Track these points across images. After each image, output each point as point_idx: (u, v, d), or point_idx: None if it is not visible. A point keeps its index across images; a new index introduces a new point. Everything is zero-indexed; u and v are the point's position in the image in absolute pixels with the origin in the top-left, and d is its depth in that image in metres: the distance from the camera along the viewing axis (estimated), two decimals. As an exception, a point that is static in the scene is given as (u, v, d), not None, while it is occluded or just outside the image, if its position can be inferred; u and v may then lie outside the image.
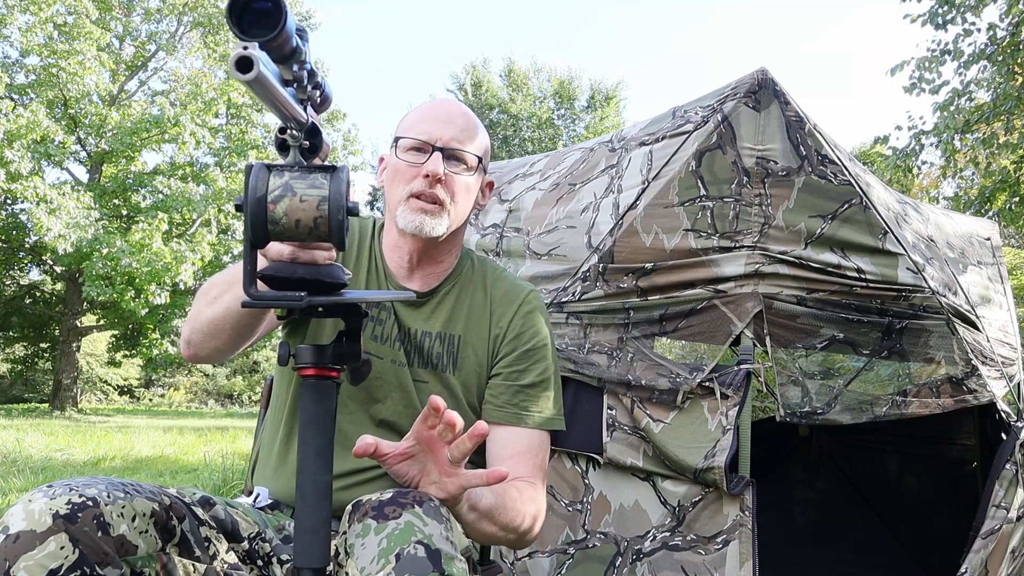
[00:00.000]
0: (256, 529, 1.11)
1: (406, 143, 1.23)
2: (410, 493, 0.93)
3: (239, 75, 0.61)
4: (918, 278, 2.05)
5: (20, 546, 0.83)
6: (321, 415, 0.83)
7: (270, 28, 0.62)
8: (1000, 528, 2.08)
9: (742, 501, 1.83)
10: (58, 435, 8.67)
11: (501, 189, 2.75)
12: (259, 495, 1.26)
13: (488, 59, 23.21)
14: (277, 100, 0.68)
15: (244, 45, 0.61)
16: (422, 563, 0.83)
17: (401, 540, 0.85)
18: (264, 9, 0.63)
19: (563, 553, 2.11)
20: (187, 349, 1.17)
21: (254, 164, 0.73)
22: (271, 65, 0.67)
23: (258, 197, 0.71)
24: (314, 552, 0.81)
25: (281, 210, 0.71)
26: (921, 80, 7.04)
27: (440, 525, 0.89)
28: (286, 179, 0.72)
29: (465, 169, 1.25)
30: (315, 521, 0.81)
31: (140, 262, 13.29)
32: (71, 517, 0.85)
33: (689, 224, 2.06)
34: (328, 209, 0.71)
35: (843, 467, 3.73)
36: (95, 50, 15.00)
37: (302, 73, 0.71)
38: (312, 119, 0.76)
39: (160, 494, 0.98)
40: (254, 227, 0.71)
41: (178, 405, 27.57)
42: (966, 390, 2.13)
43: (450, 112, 1.26)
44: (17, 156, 12.96)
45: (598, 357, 2.12)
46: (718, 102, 2.11)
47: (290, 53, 0.68)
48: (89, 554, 0.85)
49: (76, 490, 0.88)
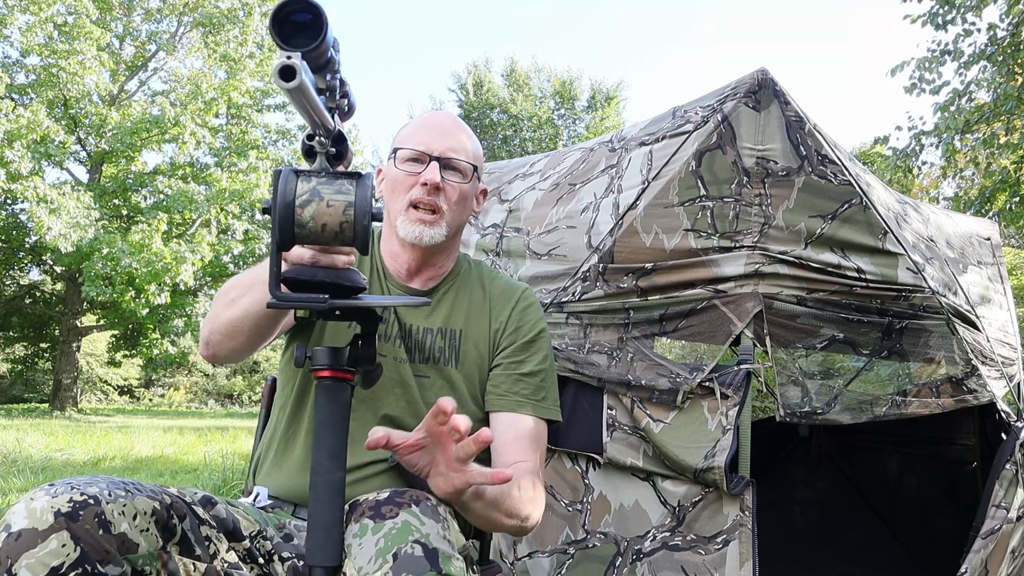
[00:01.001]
0: (257, 528, 1.12)
1: (404, 154, 1.29)
2: (407, 493, 0.95)
3: (282, 83, 0.63)
4: (918, 278, 2.05)
5: (22, 544, 0.83)
6: (336, 416, 0.85)
7: (312, 38, 0.65)
8: (1000, 528, 2.08)
9: (742, 501, 1.83)
10: (58, 435, 8.68)
11: (501, 189, 2.75)
12: (258, 494, 1.27)
13: (490, 59, 23.17)
14: (312, 108, 0.70)
15: (288, 55, 0.64)
16: (419, 562, 0.85)
17: (398, 539, 0.87)
18: (304, 20, 0.65)
19: (563, 553, 2.11)
20: (206, 349, 1.20)
21: (283, 169, 0.75)
22: (310, 74, 0.69)
23: (287, 201, 0.73)
24: (327, 550, 0.82)
25: (308, 214, 0.73)
26: (921, 81, 7.04)
27: (437, 524, 0.91)
28: (313, 184, 0.73)
29: (461, 178, 1.31)
30: (328, 519, 0.83)
31: (140, 262, 13.29)
32: (72, 515, 0.86)
33: (689, 224, 2.06)
34: (354, 214, 0.73)
35: (843, 467, 3.73)
36: (95, 50, 14.99)
37: (335, 83, 0.74)
38: (338, 127, 0.78)
39: (161, 493, 0.99)
40: (282, 230, 0.73)
41: (178, 405, 27.56)
42: (966, 390, 2.13)
43: (445, 123, 1.33)
44: (17, 156, 12.95)
45: (598, 357, 2.12)
46: (718, 102, 2.11)
47: (326, 63, 0.70)
48: (90, 552, 0.86)
49: (78, 488, 0.89)
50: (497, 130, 20.31)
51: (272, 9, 0.65)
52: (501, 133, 20.35)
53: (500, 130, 20.33)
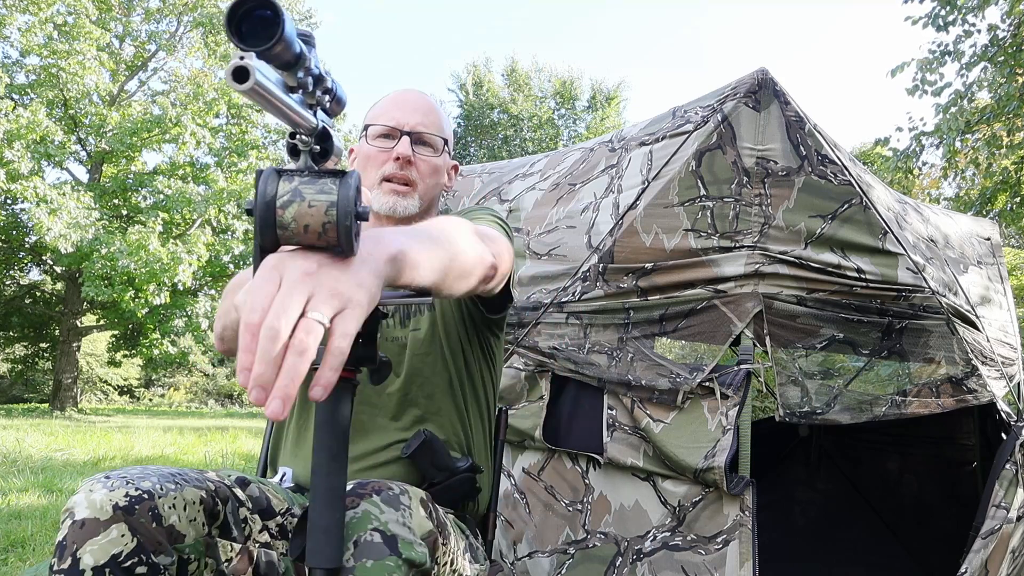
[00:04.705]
0: (286, 505, 1.16)
1: (376, 130, 1.33)
2: (369, 484, 0.97)
3: (236, 85, 0.62)
4: (918, 278, 2.05)
5: (86, 532, 0.90)
6: (337, 417, 0.84)
7: (268, 37, 0.62)
8: (1000, 528, 2.08)
9: (742, 501, 1.83)
10: (58, 435, 8.67)
11: (501, 189, 2.75)
12: (284, 474, 1.30)
13: (490, 59, 23.16)
14: (280, 107, 0.68)
15: (241, 55, 0.62)
16: (378, 548, 0.88)
17: (358, 528, 0.89)
18: (265, 17, 0.63)
19: (563, 553, 2.11)
20: (220, 344, 1.20)
21: (264, 169, 0.73)
22: (272, 73, 0.67)
23: (267, 202, 0.71)
24: (327, 552, 0.82)
25: (290, 215, 0.71)
26: (923, 82, 7.03)
27: (396, 512, 0.93)
28: (295, 184, 0.71)
29: (432, 152, 1.34)
30: (328, 521, 0.82)
31: (137, 263, 13.28)
32: (129, 509, 0.92)
33: (689, 224, 2.06)
34: (336, 214, 0.70)
35: (843, 467, 3.73)
36: (95, 50, 14.97)
37: (307, 79, 0.72)
38: (322, 123, 0.76)
39: (205, 480, 1.04)
40: (263, 232, 0.71)
41: (178, 405, 27.55)
42: (966, 390, 2.13)
43: (416, 100, 1.36)
44: (17, 156, 12.94)
45: (598, 357, 2.12)
46: (718, 102, 2.11)
47: (293, 60, 0.68)
48: (146, 543, 0.92)
49: (132, 483, 0.95)
50: (497, 130, 20.30)
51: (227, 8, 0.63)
52: (501, 133, 20.34)
53: (500, 130, 20.32)
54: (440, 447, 1.25)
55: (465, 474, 1.27)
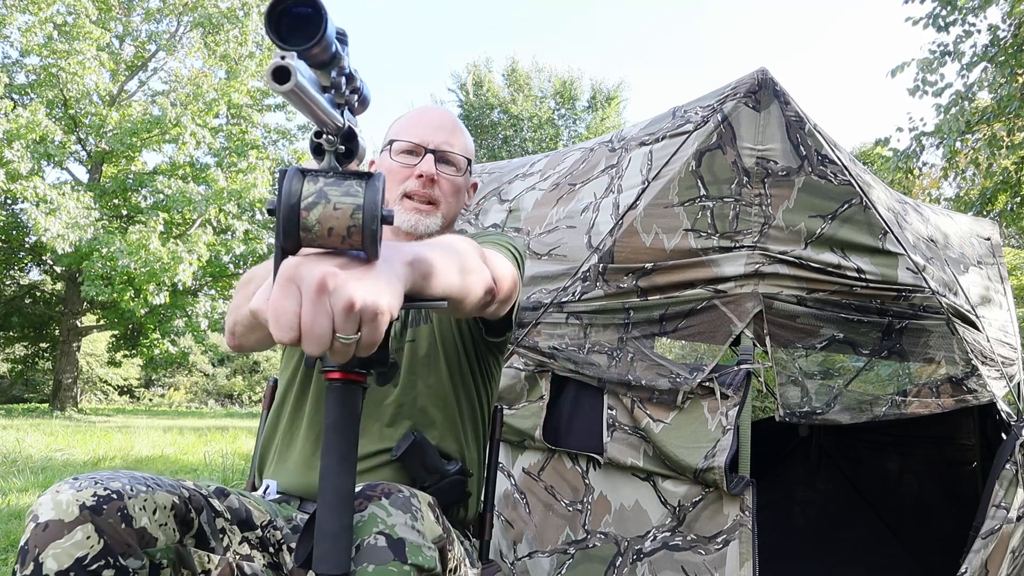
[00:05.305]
0: (268, 518, 1.14)
1: (400, 146, 1.34)
2: (379, 486, 0.94)
3: (276, 86, 0.60)
4: (918, 278, 2.05)
5: (49, 535, 0.86)
6: (346, 420, 0.81)
7: (310, 37, 0.61)
8: (1000, 528, 2.08)
9: (742, 501, 1.83)
10: (58, 435, 8.67)
11: (501, 189, 2.75)
12: (268, 487, 1.29)
13: (490, 59, 23.15)
14: (313, 108, 0.66)
15: (282, 55, 0.60)
16: (382, 552, 0.85)
17: (363, 531, 0.87)
18: (304, 15, 0.61)
19: (563, 553, 2.11)
20: (231, 339, 1.18)
21: (288, 169, 0.70)
22: (308, 73, 0.65)
23: (291, 204, 0.68)
24: (335, 558, 0.79)
25: (314, 217, 0.68)
26: (924, 82, 7.03)
27: (405, 515, 0.91)
28: (320, 185, 0.69)
29: (455, 171, 1.35)
30: (336, 527, 0.79)
31: (137, 262, 13.27)
32: (97, 509, 0.89)
33: (689, 224, 2.06)
34: (363, 218, 0.68)
35: (843, 467, 3.73)
36: (95, 50, 14.97)
37: (340, 79, 0.70)
38: (349, 123, 0.74)
39: (179, 487, 1.01)
40: (286, 234, 0.69)
41: (178, 405, 27.54)
42: (966, 390, 2.13)
43: (440, 118, 1.37)
44: (17, 156, 12.95)
45: (598, 357, 2.12)
46: (718, 102, 2.11)
47: (329, 59, 0.66)
48: (113, 545, 0.88)
49: (101, 483, 0.92)
50: (497, 130, 20.29)
51: (267, 6, 0.60)
52: (501, 133, 20.33)
53: (500, 130, 20.31)
54: (430, 448, 1.25)
55: (455, 477, 1.26)
